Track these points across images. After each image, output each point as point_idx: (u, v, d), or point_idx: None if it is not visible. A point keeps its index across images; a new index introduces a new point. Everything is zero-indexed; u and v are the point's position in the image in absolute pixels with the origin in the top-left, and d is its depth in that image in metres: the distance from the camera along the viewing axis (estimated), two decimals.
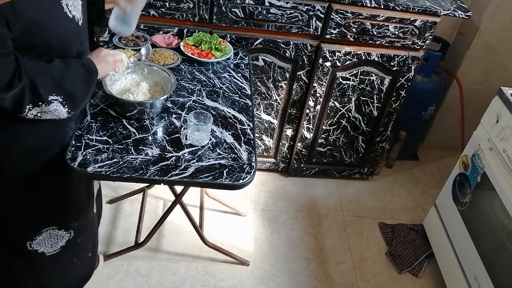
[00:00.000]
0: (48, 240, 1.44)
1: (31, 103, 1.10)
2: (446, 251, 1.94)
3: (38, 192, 1.35)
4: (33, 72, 1.08)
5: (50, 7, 1.11)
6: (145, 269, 1.89)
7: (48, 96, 1.12)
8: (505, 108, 1.70)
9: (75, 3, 1.18)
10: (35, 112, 1.13)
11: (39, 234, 1.41)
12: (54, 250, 1.47)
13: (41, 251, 1.45)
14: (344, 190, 2.47)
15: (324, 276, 2.00)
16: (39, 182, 1.32)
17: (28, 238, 1.41)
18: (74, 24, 1.19)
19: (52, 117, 1.17)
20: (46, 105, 1.13)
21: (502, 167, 1.66)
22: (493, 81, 2.54)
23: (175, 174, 1.28)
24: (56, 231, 1.44)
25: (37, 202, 1.37)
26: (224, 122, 1.49)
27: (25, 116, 1.12)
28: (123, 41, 1.78)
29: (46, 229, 1.42)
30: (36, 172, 1.30)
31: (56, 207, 1.41)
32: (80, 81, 1.21)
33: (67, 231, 1.47)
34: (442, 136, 2.81)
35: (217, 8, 1.85)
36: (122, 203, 2.17)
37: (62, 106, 1.16)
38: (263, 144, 2.34)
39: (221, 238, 2.06)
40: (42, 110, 1.13)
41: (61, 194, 1.40)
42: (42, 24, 1.08)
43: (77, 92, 1.20)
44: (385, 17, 1.93)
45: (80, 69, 1.21)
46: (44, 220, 1.41)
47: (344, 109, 2.21)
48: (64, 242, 1.48)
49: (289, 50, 1.99)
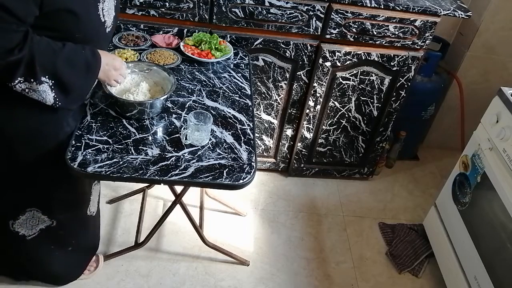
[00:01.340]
0: (29, 221, 1.48)
1: (23, 77, 1.14)
2: (446, 251, 1.94)
3: (27, 177, 1.39)
4: (38, 50, 1.13)
5: (88, 4, 1.18)
6: (145, 269, 1.89)
7: (41, 76, 1.16)
8: (505, 108, 1.70)
9: (110, 10, 1.25)
10: (24, 87, 1.16)
11: (22, 213, 1.46)
12: (34, 233, 1.52)
13: (22, 233, 1.50)
14: (344, 190, 2.47)
15: (324, 276, 2.00)
16: (29, 168, 1.36)
17: (10, 217, 1.46)
18: (103, 29, 1.25)
19: (38, 98, 1.19)
20: (37, 84, 1.16)
21: (502, 167, 1.66)
22: (493, 81, 2.54)
23: (175, 174, 1.28)
24: (40, 214, 1.48)
25: (24, 185, 1.41)
26: (224, 122, 1.49)
27: (13, 86, 1.15)
28: (123, 41, 1.78)
29: (30, 209, 1.46)
30: (27, 158, 1.33)
31: (43, 194, 1.45)
32: (78, 75, 1.24)
33: (50, 219, 1.51)
34: (442, 136, 2.81)
35: (217, 8, 1.85)
36: (122, 203, 2.17)
37: (51, 90, 1.19)
38: (263, 144, 2.34)
39: (221, 238, 2.06)
40: (32, 87, 1.16)
41: (49, 184, 1.43)
42: (74, 15, 1.14)
43: (72, 85, 1.23)
44: (385, 17, 1.93)
45: (83, 65, 1.24)
46: (29, 201, 1.45)
47: (344, 109, 2.21)
48: (44, 226, 1.52)
49: (289, 50, 1.99)
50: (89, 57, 1.25)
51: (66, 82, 1.20)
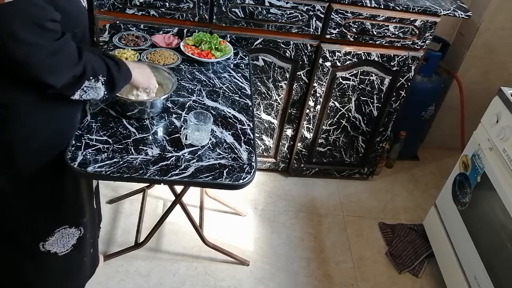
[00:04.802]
0: (60, 240, 1.42)
1: (88, 77, 1.16)
2: (446, 251, 1.94)
3: (50, 191, 1.33)
4: (86, 51, 1.15)
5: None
6: (145, 269, 1.89)
7: (100, 73, 1.19)
8: (505, 108, 1.70)
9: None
10: (87, 84, 1.17)
11: (52, 234, 1.39)
12: (66, 250, 1.45)
13: (54, 251, 1.43)
14: (344, 190, 2.47)
15: (324, 276, 2.00)
16: (52, 181, 1.31)
17: (41, 239, 1.38)
18: (86, 13, 1.24)
19: (93, 95, 1.21)
20: (95, 81, 1.19)
21: (502, 167, 1.66)
22: (493, 81, 2.54)
23: (175, 174, 1.28)
24: (68, 230, 1.42)
25: (49, 202, 1.34)
26: (224, 122, 1.49)
27: (75, 94, 1.17)
28: (123, 41, 1.78)
29: (59, 229, 1.40)
30: (49, 170, 1.28)
31: (67, 205, 1.40)
32: (117, 68, 1.27)
33: (77, 228, 1.45)
34: (442, 136, 2.81)
35: (217, 8, 1.85)
36: (122, 203, 2.17)
37: (102, 85, 1.22)
38: (263, 144, 2.34)
39: (221, 238, 2.06)
40: (91, 85, 1.18)
41: (71, 192, 1.38)
42: (68, 10, 1.12)
43: (117, 80, 1.26)
44: (385, 17, 1.93)
45: (114, 59, 1.28)
46: (56, 219, 1.39)
47: (344, 109, 2.21)
48: (75, 240, 1.46)
49: (289, 50, 1.99)
50: (113, 56, 1.31)
51: (115, 78, 1.24)
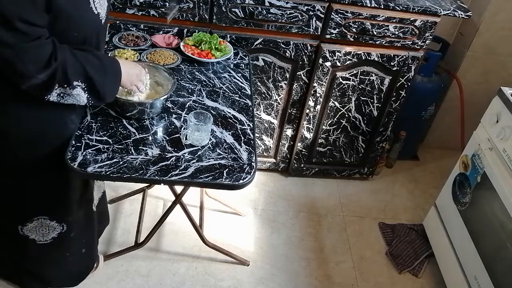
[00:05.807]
0: (39, 229, 1.46)
1: (58, 84, 1.14)
2: (446, 251, 1.94)
3: (32, 182, 1.36)
4: (66, 55, 1.13)
5: (81, 2, 1.16)
6: (145, 269, 1.89)
7: (73, 80, 1.17)
8: (505, 108, 1.70)
9: (102, 1, 1.23)
10: (59, 92, 1.16)
11: (30, 221, 1.43)
12: (45, 240, 1.50)
13: (32, 237, 1.48)
14: (344, 190, 2.47)
15: (324, 276, 2.00)
16: (34, 172, 1.34)
17: (18, 223, 1.44)
18: (98, 21, 1.23)
19: (73, 101, 1.21)
20: (71, 89, 1.17)
21: (502, 167, 1.66)
22: (493, 81, 2.54)
23: (175, 174, 1.28)
24: (48, 222, 1.46)
25: (30, 191, 1.38)
26: (224, 122, 1.49)
27: (49, 98, 1.16)
28: (123, 41, 1.78)
29: (37, 218, 1.44)
30: (32, 161, 1.31)
31: (50, 199, 1.43)
32: (103, 75, 1.25)
33: (60, 224, 1.49)
34: (442, 136, 2.81)
35: (217, 8, 1.85)
36: (122, 203, 2.17)
37: (84, 92, 1.21)
38: (263, 144, 2.34)
39: (221, 238, 2.06)
40: (66, 92, 1.17)
41: (56, 187, 1.41)
42: (69, 14, 1.12)
43: (102, 85, 1.24)
44: (385, 17, 1.93)
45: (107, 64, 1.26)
46: (35, 209, 1.43)
47: (344, 109, 2.21)
48: (56, 234, 1.50)
49: (289, 50, 1.99)
50: (106, 58, 1.28)
51: (96, 83, 1.21)
